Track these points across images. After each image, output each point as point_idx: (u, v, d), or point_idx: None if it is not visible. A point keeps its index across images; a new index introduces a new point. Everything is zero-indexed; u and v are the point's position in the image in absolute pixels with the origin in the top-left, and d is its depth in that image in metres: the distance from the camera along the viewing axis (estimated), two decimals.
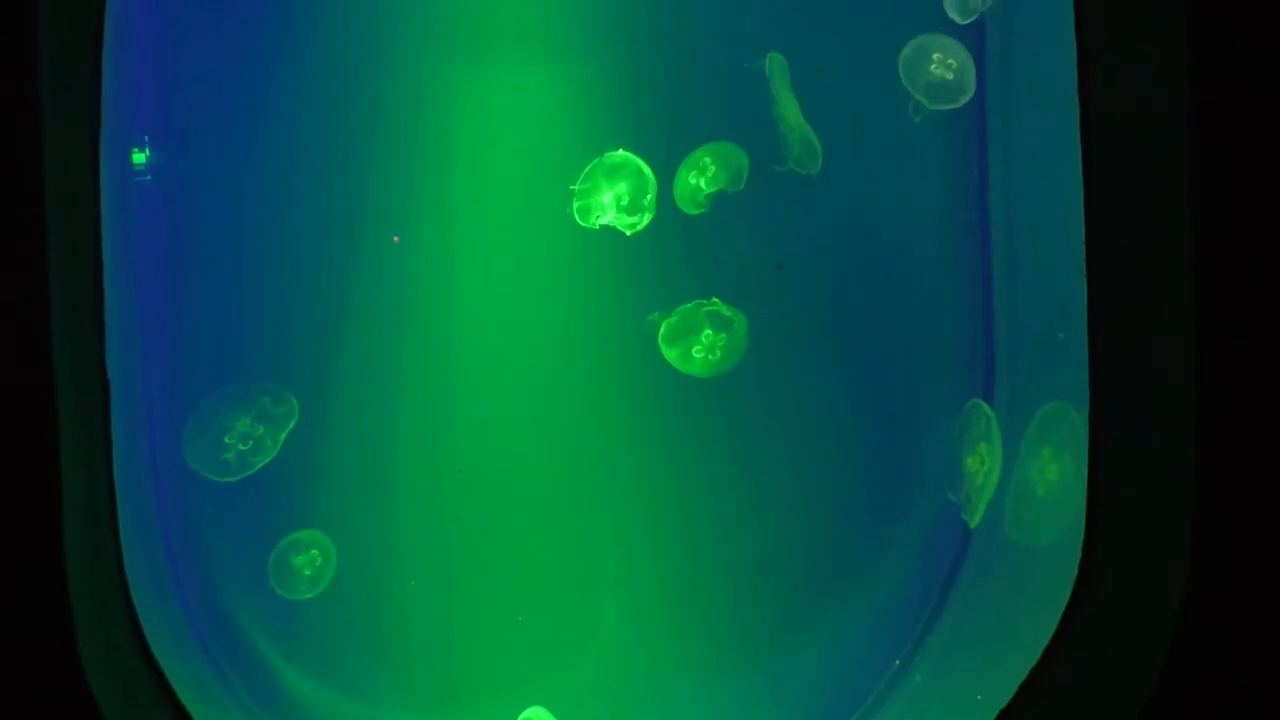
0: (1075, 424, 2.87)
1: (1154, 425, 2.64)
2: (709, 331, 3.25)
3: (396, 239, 3.31)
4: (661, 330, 3.25)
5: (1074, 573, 2.80)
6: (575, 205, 3.27)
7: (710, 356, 3.26)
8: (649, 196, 3.26)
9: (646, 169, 3.27)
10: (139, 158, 3.22)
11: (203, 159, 3.32)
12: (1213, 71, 2.50)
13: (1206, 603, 2.53)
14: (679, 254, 3.33)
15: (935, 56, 3.22)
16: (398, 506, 3.35)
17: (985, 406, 3.24)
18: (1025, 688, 2.84)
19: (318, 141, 3.34)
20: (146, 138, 3.24)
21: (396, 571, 3.34)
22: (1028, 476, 3.05)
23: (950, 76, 3.23)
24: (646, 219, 3.27)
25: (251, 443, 3.19)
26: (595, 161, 3.27)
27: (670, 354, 3.26)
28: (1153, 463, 2.64)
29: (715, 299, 3.24)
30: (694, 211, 3.28)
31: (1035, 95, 3.19)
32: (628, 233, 3.27)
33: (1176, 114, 2.52)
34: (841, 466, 3.40)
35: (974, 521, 3.20)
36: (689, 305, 3.26)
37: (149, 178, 3.23)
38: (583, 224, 3.28)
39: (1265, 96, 2.49)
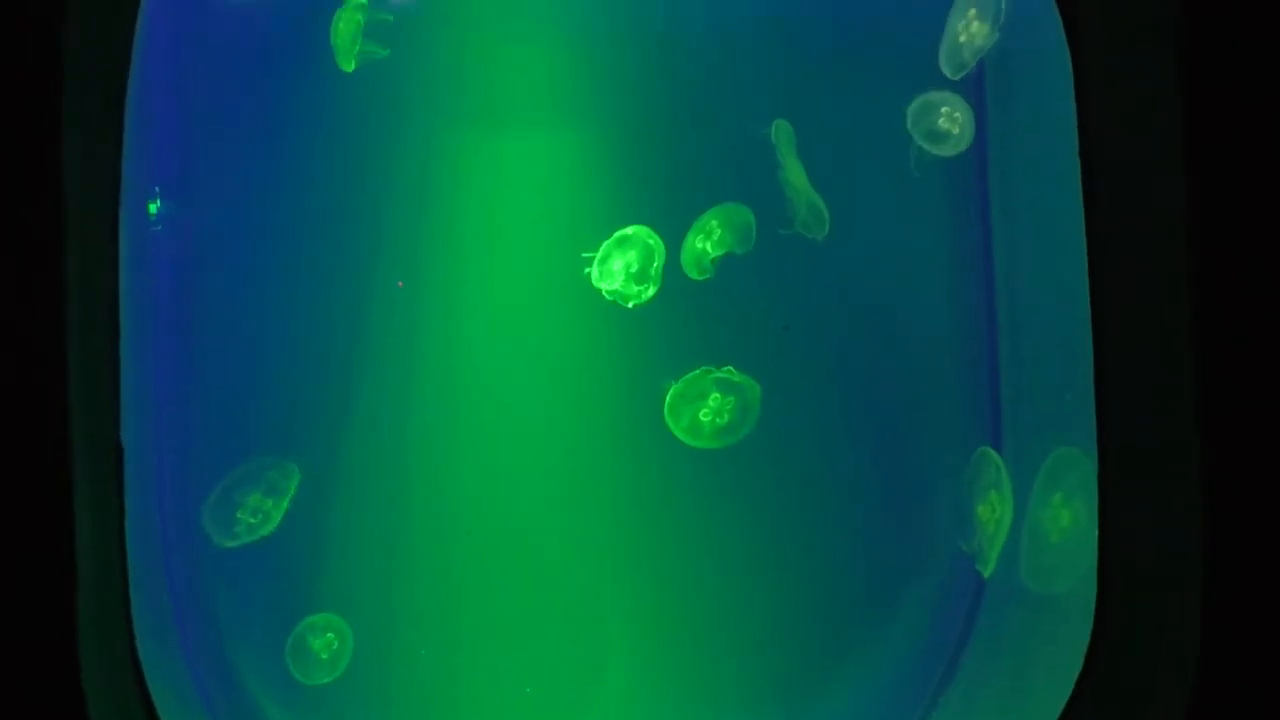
0: (1085, 468, 2.87)
1: (1162, 468, 2.65)
2: (716, 395, 3.25)
3: (401, 284, 3.31)
4: (668, 398, 3.26)
5: (1090, 622, 2.79)
6: (590, 270, 3.29)
7: (718, 420, 3.25)
8: (656, 265, 3.28)
9: (656, 240, 3.29)
10: (153, 208, 3.24)
11: (216, 218, 3.33)
12: (1208, 120, 2.55)
13: (1226, 645, 2.53)
14: (687, 320, 3.34)
15: (943, 110, 3.27)
16: (406, 572, 3.34)
17: (994, 454, 3.23)
18: None
19: (328, 206, 3.36)
20: (157, 189, 3.26)
21: (405, 639, 3.34)
22: (1040, 523, 3.04)
23: (955, 130, 3.27)
24: (651, 290, 3.29)
25: (260, 515, 3.21)
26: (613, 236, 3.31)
27: (677, 425, 3.27)
28: (1163, 505, 2.65)
29: (729, 367, 3.24)
30: (700, 277, 3.30)
31: (1035, 145, 3.21)
32: (629, 304, 3.29)
33: (1176, 159, 2.56)
34: (851, 526, 3.38)
35: (987, 570, 3.19)
36: (696, 372, 3.26)
37: (159, 228, 3.26)
38: (596, 285, 3.30)
39: (1262, 139, 2.53)
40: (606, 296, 3.29)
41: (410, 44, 3.35)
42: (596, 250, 3.30)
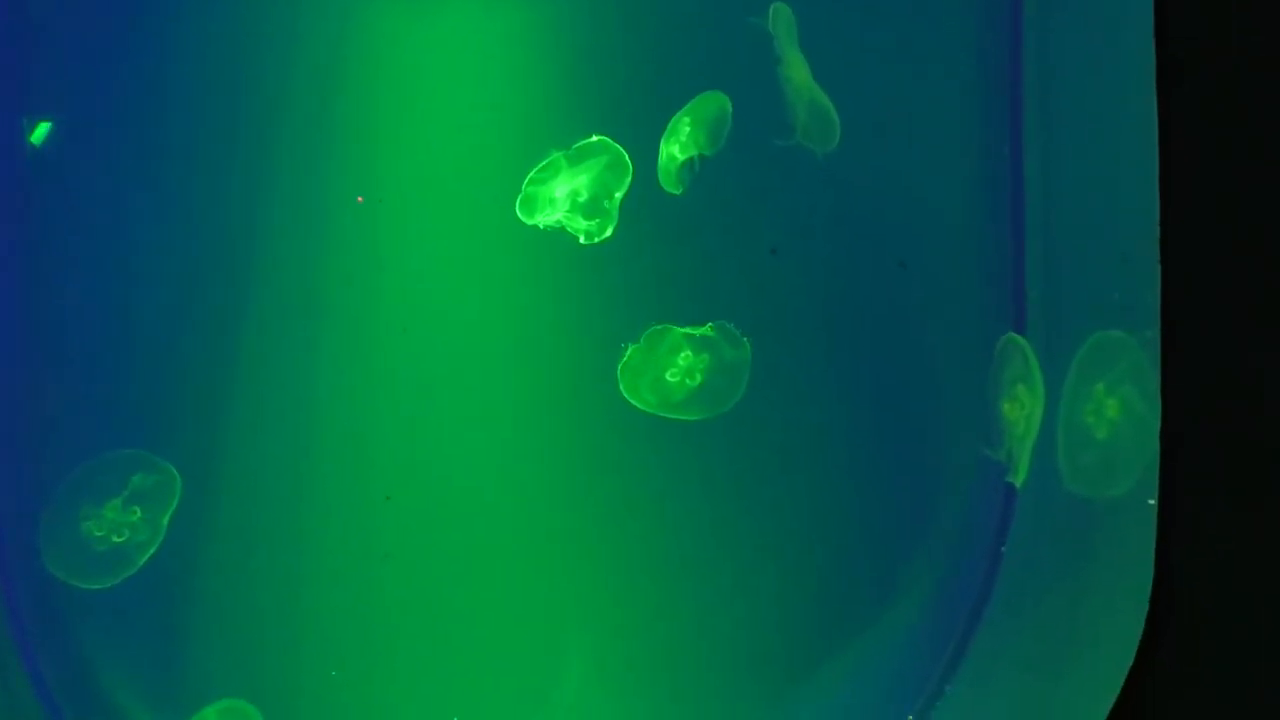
0: (1134, 355, 2.66)
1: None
2: (688, 354, 2.75)
3: (360, 199, 2.85)
4: (625, 359, 2.77)
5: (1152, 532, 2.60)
6: (520, 197, 2.77)
7: (689, 381, 2.76)
8: (616, 194, 2.75)
9: (621, 159, 2.77)
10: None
11: (65, 128, 2.83)
12: None
13: None
14: (656, 261, 2.86)
15: None
16: (312, 585, 2.87)
17: (1019, 340, 2.86)
18: None
19: (212, 118, 2.87)
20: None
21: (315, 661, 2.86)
22: (1080, 419, 2.77)
23: None
24: (609, 227, 2.77)
25: (127, 533, 2.64)
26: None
27: (636, 394, 2.79)
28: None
29: (710, 325, 2.78)
30: (676, 190, 2.80)
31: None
32: (581, 239, 2.78)
33: None
34: (850, 484, 2.95)
35: (1020, 477, 2.83)
36: (659, 328, 2.79)
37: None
38: (525, 220, 2.77)
39: None
40: (544, 229, 2.79)
41: None
42: (541, 168, 2.80)
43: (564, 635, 2.88)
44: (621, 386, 2.77)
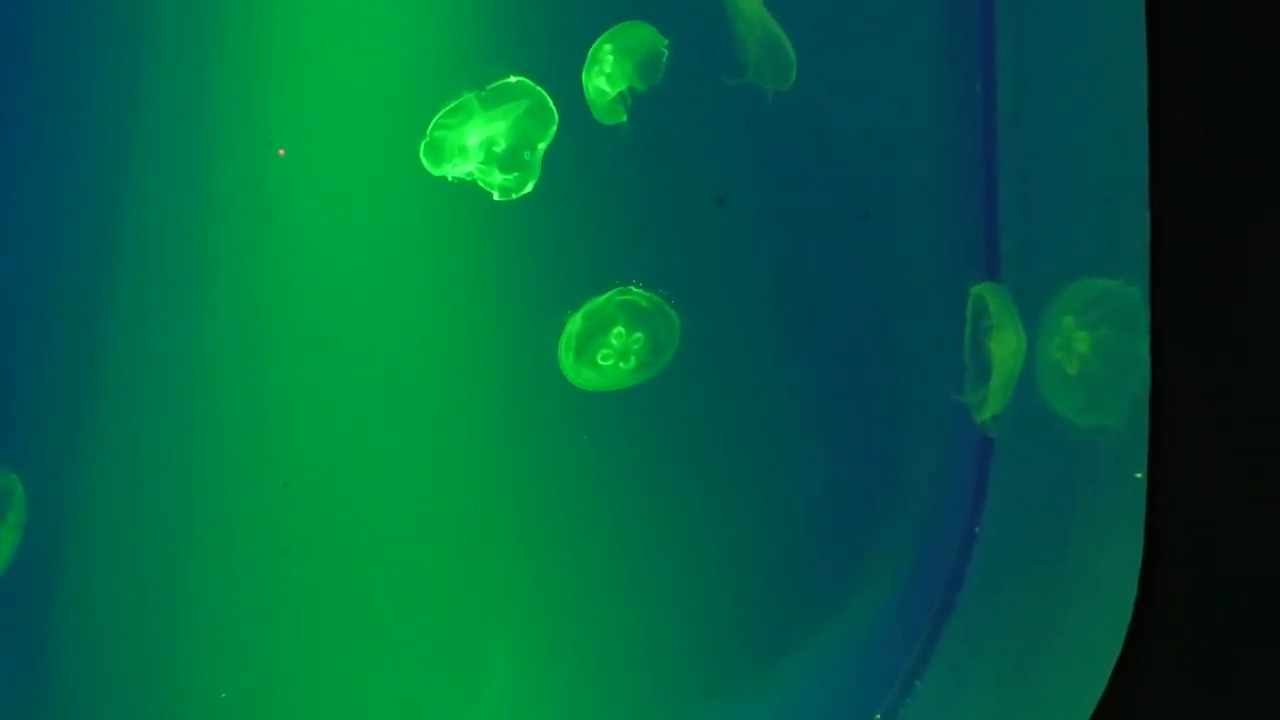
0: (1116, 297, 2.44)
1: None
2: (620, 330, 2.46)
3: (282, 152, 2.55)
4: (565, 335, 2.47)
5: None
6: (425, 142, 2.45)
7: (622, 364, 2.47)
8: (540, 148, 2.44)
9: (544, 104, 2.46)
10: None
11: None
12: None
13: None
14: (586, 217, 2.57)
15: None
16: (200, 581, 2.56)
17: (994, 288, 2.61)
18: None
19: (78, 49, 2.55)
20: None
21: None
22: (1050, 356, 2.56)
23: None
24: (530, 183, 2.46)
25: None
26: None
27: (576, 369, 2.49)
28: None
29: (634, 285, 2.47)
30: (610, 121, 2.50)
31: None
32: (496, 195, 2.47)
33: None
34: (808, 459, 2.68)
35: (990, 411, 2.59)
36: (600, 299, 2.48)
37: None
38: (431, 170, 2.46)
39: None
40: (454, 182, 2.49)
41: None
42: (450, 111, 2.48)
43: (488, 635, 2.61)
44: (561, 364, 2.49)
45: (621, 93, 2.46)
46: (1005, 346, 2.60)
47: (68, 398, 2.55)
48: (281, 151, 2.54)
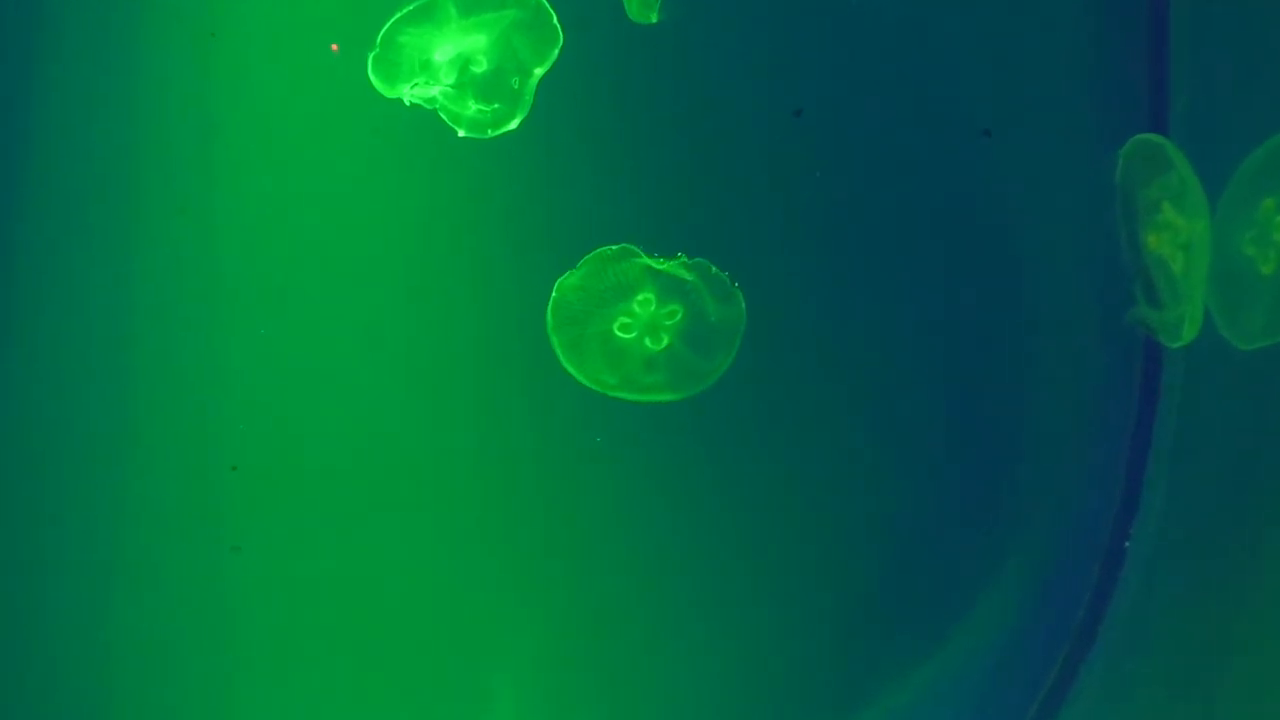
0: None
1: None
2: (649, 295, 1.92)
3: (336, 47, 2.06)
4: (554, 298, 1.94)
5: None
6: (373, 54, 1.92)
7: (651, 344, 1.95)
8: (536, 73, 1.89)
9: (548, 19, 1.90)
10: None
11: None
12: None
13: None
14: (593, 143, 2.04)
15: None
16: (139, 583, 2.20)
17: (1161, 141, 2.13)
18: None
19: None
20: None
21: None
22: (1238, 250, 2.10)
23: None
24: (515, 120, 1.91)
25: None
26: None
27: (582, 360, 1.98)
28: None
29: (681, 255, 1.94)
30: (643, 19, 1.95)
31: None
32: (461, 131, 1.95)
33: None
34: (906, 461, 2.20)
35: (1184, 338, 2.08)
36: (604, 252, 1.93)
37: None
38: (383, 91, 1.93)
39: None
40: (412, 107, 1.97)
41: None
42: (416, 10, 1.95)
43: (484, 653, 2.23)
44: (554, 342, 1.98)
45: None
46: (1181, 235, 2.12)
47: None
48: (335, 46, 2.04)
